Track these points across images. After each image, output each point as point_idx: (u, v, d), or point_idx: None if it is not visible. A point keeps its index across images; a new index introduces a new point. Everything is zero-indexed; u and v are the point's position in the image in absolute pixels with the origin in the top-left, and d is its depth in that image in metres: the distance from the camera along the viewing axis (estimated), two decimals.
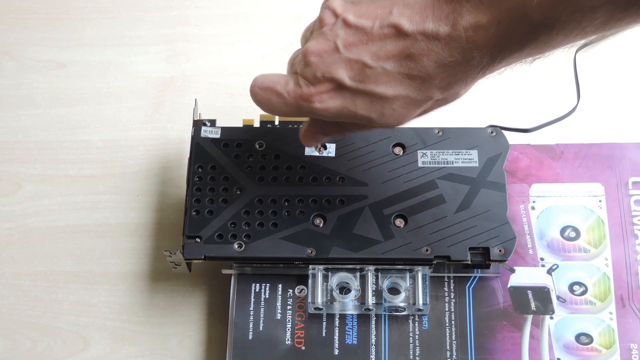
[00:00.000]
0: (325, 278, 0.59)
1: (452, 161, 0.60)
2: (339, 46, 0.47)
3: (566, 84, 0.69)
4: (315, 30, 0.49)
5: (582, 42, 0.45)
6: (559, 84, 0.70)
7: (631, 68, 0.71)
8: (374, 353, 0.59)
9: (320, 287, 0.58)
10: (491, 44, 0.42)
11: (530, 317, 0.60)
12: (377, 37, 0.45)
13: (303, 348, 0.59)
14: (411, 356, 0.59)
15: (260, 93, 0.50)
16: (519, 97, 0.70)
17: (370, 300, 0.58)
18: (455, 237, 0.57)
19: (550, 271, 0.61)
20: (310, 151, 0.61)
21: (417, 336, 0.59)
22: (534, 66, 0.71)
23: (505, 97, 0.70)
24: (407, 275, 0.58)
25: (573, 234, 0.62)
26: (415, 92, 0.46)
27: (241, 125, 0.62)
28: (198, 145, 0.61)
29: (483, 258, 0.57)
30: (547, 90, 0.70)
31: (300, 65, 0.48)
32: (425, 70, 0.45)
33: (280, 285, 0.60)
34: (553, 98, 0.69)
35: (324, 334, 0.59)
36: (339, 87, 0.47)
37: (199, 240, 0.58)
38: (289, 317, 0.60)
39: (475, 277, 0.61)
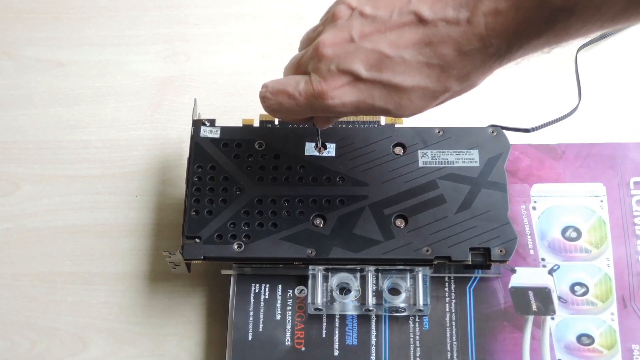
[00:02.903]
0: (325, 278, 0.58)
1: (453, 161, 0.60)
2: (355, 36, 0.46)
3: (567, 83, 0.69)
4: (327, 24, 0.48)
5: (587, 39, 0.45)
6: (560, 84, 0.70)
7: (633, 68, 0.71)
8: (374, 354, 0.59)
9: (320, 288, 0.58)
10: (510, 30, 0.42)
11: (531, 318, 0.60)
12: (395, 25, 0.45)
13: (303, 349, 0.59)
14: (411, 357, 0.58)
15: (271, 98, 0.50)
16: (519, 96, 0.70)
17: (371, 300, 0.58)
18: (456, 238, 0.57)
19: (551, 272, 0.61)
20: (310, 151, 0.60)
21: (417, 337, 0.59)
22: (535, 66, 0.71)
23: (506, 97, 0.70)
24: (408, 275, 0.58)
25: (574, 235, 0.62)
26: (433, 82, 0.45)
27: (241, 125, 0.62)
28: (197, 145, 0.61)
29: (484, 258, 0.57)
30: (548, 89, 0.70)
31: (312, 62, 0.48)
32: (445, 59, 0.44)
33: (280, 286, 0.60)
34: (554, 98, 0.69)
35: (324, 335, 0.59)
36: (354, 80, 0.46)
37: (198, 240, 0.57)
38: (288, 318, 0.59)
39: (476, 277, 0.61)
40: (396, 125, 0.62)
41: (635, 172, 0.64)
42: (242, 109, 0.69)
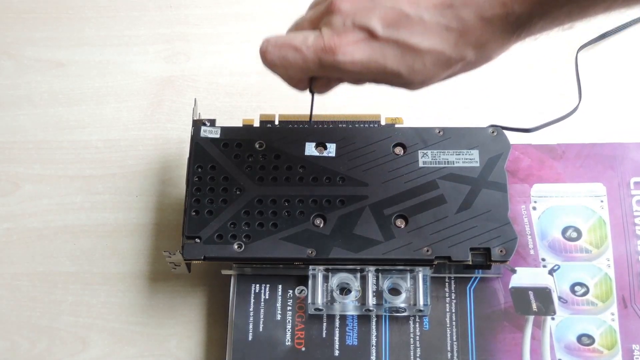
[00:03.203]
0: (326, 279, 0.58)
1: (453, 161, 0.60)
2: None
3: (568, 83, 0.69)
4: None
5: (607, 13, 0.45)
6: (561, 84, 0.70)
7: (633, 68, 0.70)
8: (374, 354, 0.58)
9: (321, 288, 0.58)
10: None
11: (531, 318, 0.60)
12: None
13: (303, 349, 0.59)
14: (412, 357, 0.58)
15: (274, 51, 0.48)
16: (520, 96, 0.70)
17: (371, 301, 0.58)
18: (456, 238, 0.57)
19: (551, 272, 0.61)
20: (310, 151, 0.60)
21: (417, 337, 0.59)
22: (535, 65, 0.71)
23: (506, 97, 0.70)
24: (408, 275, 0.58)
25: (574, 235, 0.62)
26: (450, 47, 0.44)
27: (241, 125, 0.62)
28: (197, 145, 0.61)
29: (484, 258, 0.57)
30: (549, 89, 0.70)
31: (326, 17, 0.46)
32: (465, 23, 0.43)
33: (280, 286, 0.60)
34: (554, 98, 0.69)
35: (324, 335, 0.59)
36: (369, 37, 0.45)
37: (198, 240, 0.57)
38: (289, 318, 0.59)
39: (476, 277, 0.61)
40: (396, 126, 0.62)
41: (635, 172, 0.64)
42: (242, 109, 0.69)
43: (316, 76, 0.50)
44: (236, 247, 0.57)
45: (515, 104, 0.69)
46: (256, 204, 0.59)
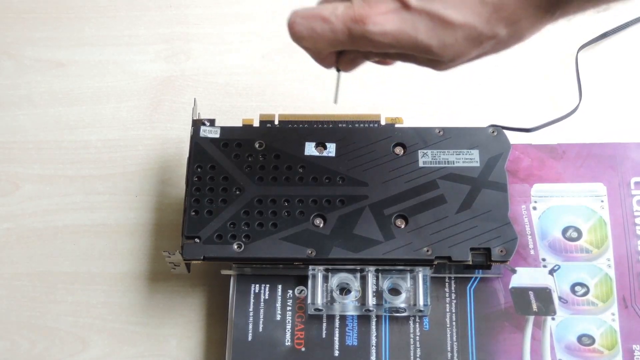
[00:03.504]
0: (325, 279, 0.58)
1: (453, 161, 0.60)
2: None
3: (568, 83, 0.69)
4: None
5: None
6: (561, 84, 0.70)
7: (633, 67, 0.70)
8: (374, 354, 0.58)
9: (320, 288, 0.58)
10: None
11: (531, 318, 0.60)
12: None
13: (303, 349, 0.58)
14: (412, 357, 0.58)
15: (302, 22, 0.46)
16: (520, 96, 0.69)
17: (371, 301, 0.58)
18: (456, 238, 0.57)
19: (551, 272, 0.61)
20: (310, 151, 0.60)
21: (417, 337, 0.59)
22: (535, 65, 0.71)
23: (506, 97, 0.69)
24: (408, 276, 0.58)
25: (575, 235, 0.62)
26: (482, 22, 0.44)
27: (240, 124, 0.62)
28: (197, 145, 0.60)
29: (484, 258, 0.57)
30: (549, 89, 0.70)
31: None
32: None
33: (280, 286, 0.60)
34: (555, 97, 0.69)
35: (324, 335, 0.59)
36: (401, 7, 0.44)
37: (198, 240, 0.57)
38: (288, 318, 0.59)
39: (476, 277, 0.60)
40: (396, 126, 0.62)
41: (635, 172, 0.64)
42: (242, 109, 0.69)
43: (344, 50, 0.48)
44: (236, 247, 0.57)
45: (515, 104, 0.69)
46: (256, 204, 0.58)
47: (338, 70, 0.51)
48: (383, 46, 0.45)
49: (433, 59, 0.46)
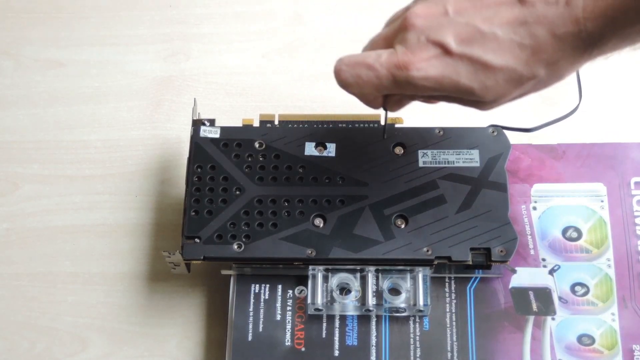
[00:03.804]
0: (325, 279, 0.58)
1: (453, 161, 0.60)
2: (449, 10, 0.45)
3: (568, 83, 0.69)
4: None
5: None
6: (561, 83, 0.69)
7: (634, 67, 0.70)
8: (374, 354, 0.58)
9: (320, 288, 0.58)
10: (607, 15, 0.42)
11: (531, 318, 0.60)
12: (492, 3, 0.45)
13: (303, 349, 0.58)
14: (412, 357, 0.58)
15: (348, 70, 0.48)
16: None
17: (371, 301, 0.58)
18: (456, 238, 0.57)
19: (551, 272, 0.61)
20: (310, 151, 0.60)
21: (417, 337, 0.59)
22: None
23: None
24: (408, 276, 0.58)
25: (575, 235, 0.62)
26: (522, 65, 0.45)
27: (240, 124, 0.62)
28: (197, 145, 0.60)
29: (484, 258, 0.57)
30: (549, 89, 0.69)
31: (400, 34, 0.47)
32: (537, 40, 0.44)
33: (280, 286, 0.60)
34: (555, 97, 0.69)
35: (324, 335, 0.59)
36: (442, 53, 0.45)
37: (198, 240, 0.57)
38: (288, 318, 0.59)
39: (476, 277, 0.60)
40: (396, 126, 0.62)
41: (636, 172, 0.64)
42: (242, 109, 0.69)
43: (390, 93, 0.50)
44: (236, 247, 0.57)
45: (516, 103, 0.69)
46: (256, 204, 0.58)
47: (385, 110, 0.53)
48: (426, 90, 0.47)
49: (476, 100, 0.47)
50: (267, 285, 0.60)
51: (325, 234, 0.57)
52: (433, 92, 0.47)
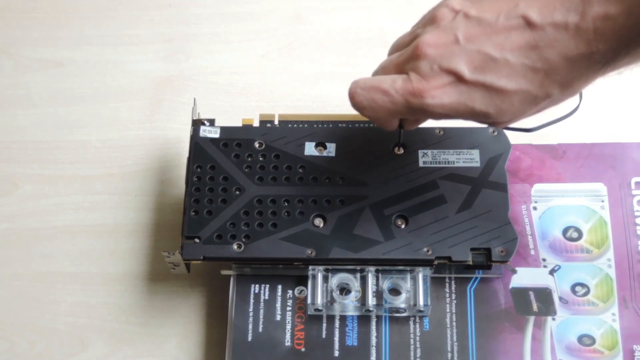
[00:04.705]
0: (325, 279, 0.58)
1: (453, 161, 0.60)
2: (460, 38, 0.46)
3: None
4: (428, 26, 0.48)
5: None
6: None
7: (634, 67, 0.70)
8: (374, 354, 0.58)
9: (320, 288, 0.58)
10: (618, 36, 0.42)
11: (532, 319, 0.59)
12: (502, 28, 0.45)
13: (303, 349, 0.58)
14: (412, 357, 0.58)
15: (363, 94, 0.48)
16: None
17: (371, 301, 0.58)
18: (457, 238, 0.57)
19: (552, 272, 0.61)
20: (310, 151, 0.60)
21: (417, 337, 0.59)
22: None
23: None
24: (408, 276, 0.58)
25: (575, 235, 0.62)
26: (536, 87, 0.45)
27: (240, 124, 0.62)
28: (197, 144, 0.60)
29: (484, 259, 0.57)
30: None
31: (412, 62, 0.47)
32: (550, 63, 0.44)
33: (279, 286, 0.60)
34: None
35: (324, 336, 0.59)
36: (456, 80, 0.46)
37: (197, 240, 0.57)
38: (288, 319, 0.59)
39: (476, 278, 0.60)
40: None
41: (636, 172, 0.64)
42: (242, 109, 0.69)
43: (404, 117, 0.51)
44: (235, 247, 0.57)
45: None
46: (256, 204, 0.58)
47: (401, 128, 0.53)
48: (441, 116, 0.47)
49: (492, 121, 0.48)
50: (267, 286, 0.60)
51: (325, 234, 0.57)
52: (447, 118, 0.48)
